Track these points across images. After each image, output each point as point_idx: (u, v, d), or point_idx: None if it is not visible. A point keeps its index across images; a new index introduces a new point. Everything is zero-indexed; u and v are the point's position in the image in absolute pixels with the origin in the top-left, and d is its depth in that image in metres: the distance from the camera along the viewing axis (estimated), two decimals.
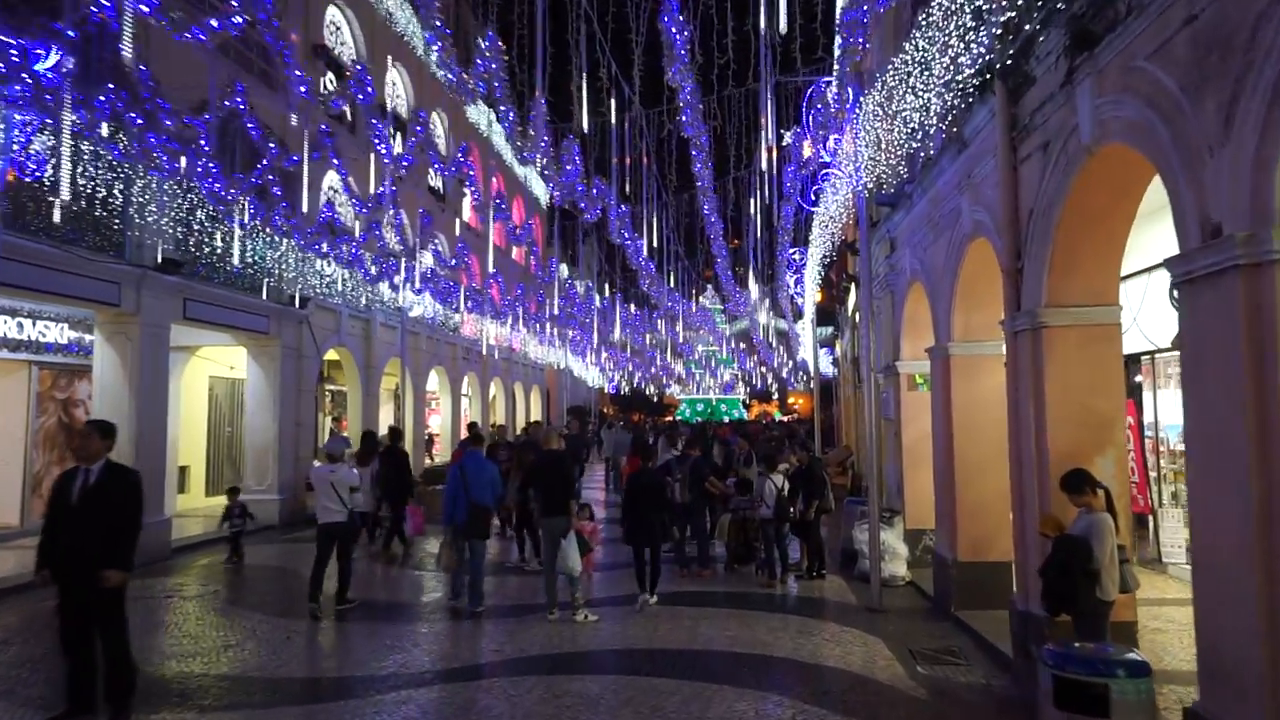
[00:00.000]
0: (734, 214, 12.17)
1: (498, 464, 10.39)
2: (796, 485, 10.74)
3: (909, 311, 11.64)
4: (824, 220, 12.30)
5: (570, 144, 8.45)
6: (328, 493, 9.05)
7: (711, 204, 11.24)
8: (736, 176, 12.03)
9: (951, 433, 9.09)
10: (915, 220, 10.70)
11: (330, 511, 9.07)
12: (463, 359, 27.01)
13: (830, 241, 12.39)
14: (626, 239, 11.63)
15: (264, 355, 16.24)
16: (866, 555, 10.92)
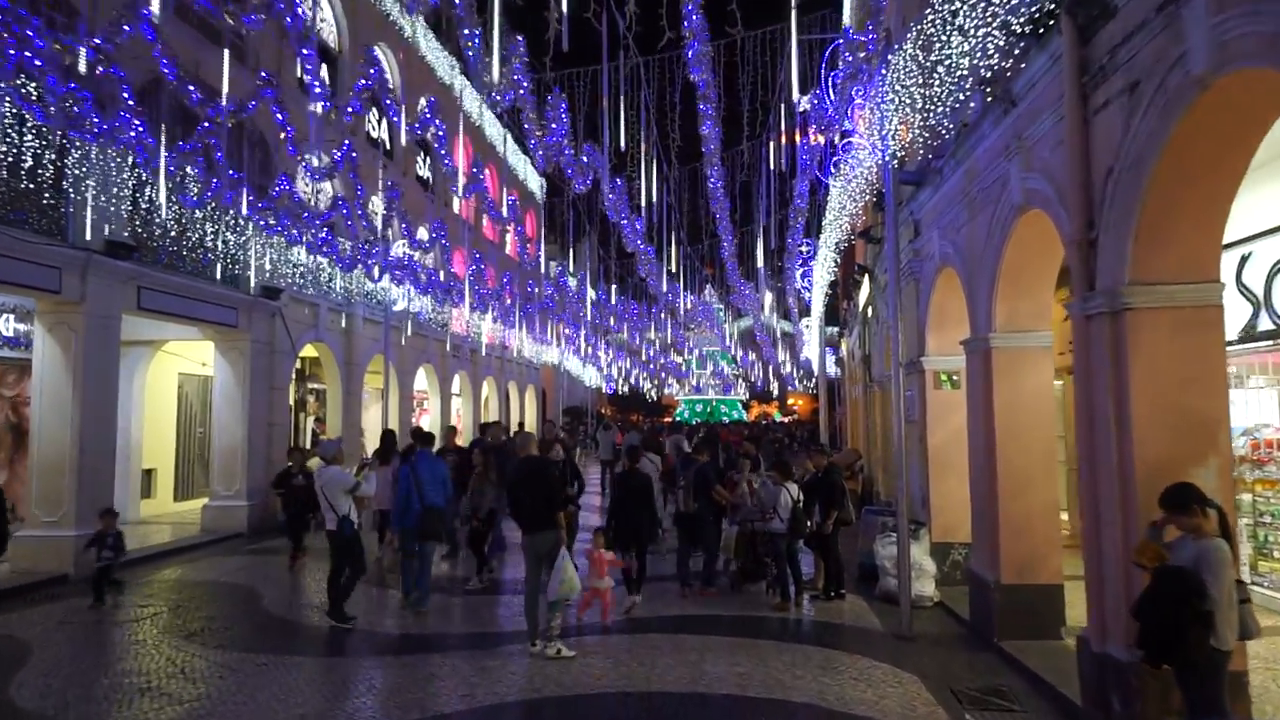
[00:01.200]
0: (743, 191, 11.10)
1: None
2: (812, 494, 9.60)
3: (937, 301, 10.51)
4: (840, 202, 11.17)
5: (557, 99, 7.31)
6: (321, 499, 8.55)
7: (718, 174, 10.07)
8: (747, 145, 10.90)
9: (993, 437, 7.96)
10: (946, 199, 9.56)
11: (328, 519, 8.57)
12: (452, 356, 25.86)
13: (845, 228, 11.28)
14: (622, 217, 10.50)
15: (233, 350, 15.09)
16: (890, 572, 9.81)
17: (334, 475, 8.49)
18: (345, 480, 8.53)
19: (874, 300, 16.58)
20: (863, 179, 11.34)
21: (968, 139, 8.30)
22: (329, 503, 8.39)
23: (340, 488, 8.45)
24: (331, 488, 8.42)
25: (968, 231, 8.76)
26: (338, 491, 8.42)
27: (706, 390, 62.02)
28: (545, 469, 7.62)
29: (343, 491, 8.46)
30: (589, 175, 7.95)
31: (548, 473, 7.59)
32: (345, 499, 8.50)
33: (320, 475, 8.57)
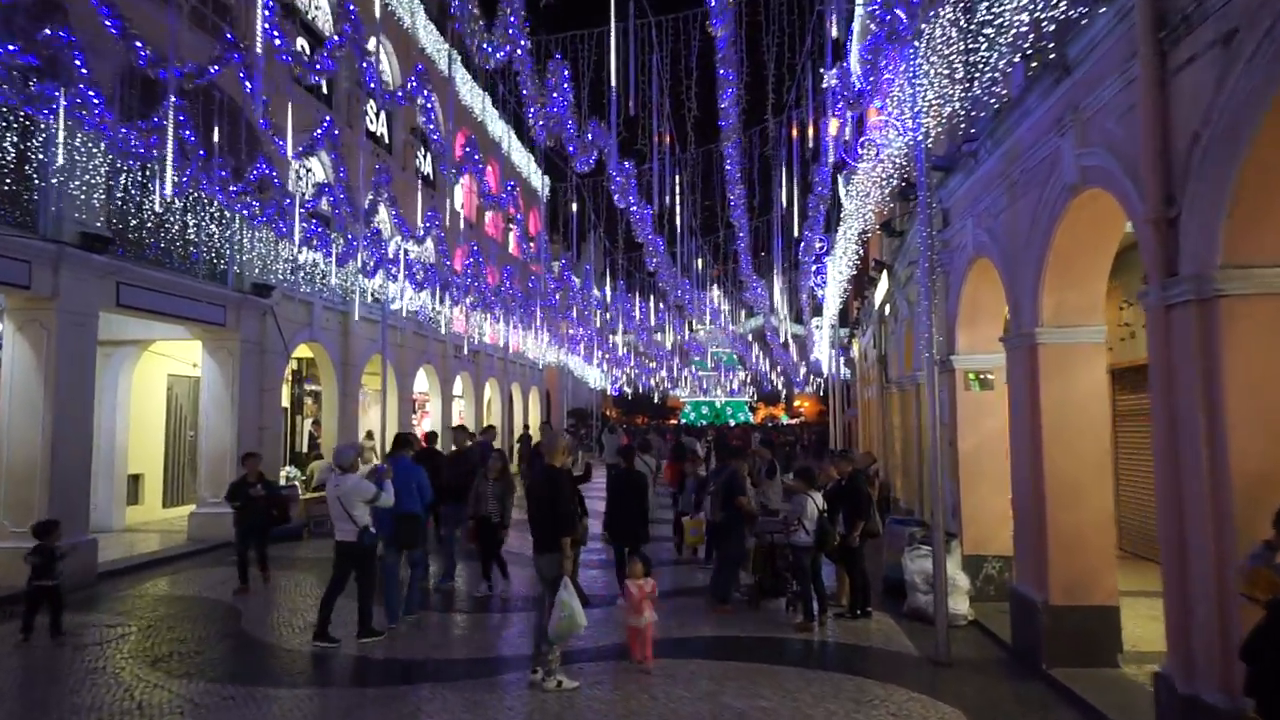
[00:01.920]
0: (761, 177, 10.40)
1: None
2: (836, 504, 8.86)
3: (968, 295, 9.78)
4: (864, 188, 10.44)
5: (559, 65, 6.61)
6: (335, 508, 7.90)
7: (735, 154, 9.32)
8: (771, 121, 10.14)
9: (1039, 441, 7.22)
10: (981, 184, 8.83)
11: (341, 529, 7.93)
12: (454, 357, 25.16)
13: (867, 217, 10.55)
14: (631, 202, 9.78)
15: (221, 350, 14.40)
16: (920, 588, 9.07)
17: (353, 484, 7.87)
18: (365, 489, 7.90)
19: (892, 297, 15.84)
20: (888, 162, 10.61)
21: (1009, 116, 7.56)
22: (346, 512, 7.78)
23: (359, 497, 7.84)
24: (350, 497, 7.81)
25: (1007, 218, 8.03)
26: (356, 501, 7.82)
27: (713, 392, 61.23)
28: (557, 483, 6.84)
29: (362, 501, 7.85)
30: (593, 153, 7.25)
31: (557, 488, 6.82)
32: (365, 509, 7.87)
33: (337, 484, 7.92)
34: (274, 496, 10.64)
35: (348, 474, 7.95)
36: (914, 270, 12.56)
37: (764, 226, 14.96)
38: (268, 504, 10.36)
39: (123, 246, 11.59)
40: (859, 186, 10.61)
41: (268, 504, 10.36)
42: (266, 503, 10.35)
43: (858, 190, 10.58)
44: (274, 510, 10.58)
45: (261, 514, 10.34)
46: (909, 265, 12.55)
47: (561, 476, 6.89)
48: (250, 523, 10.31)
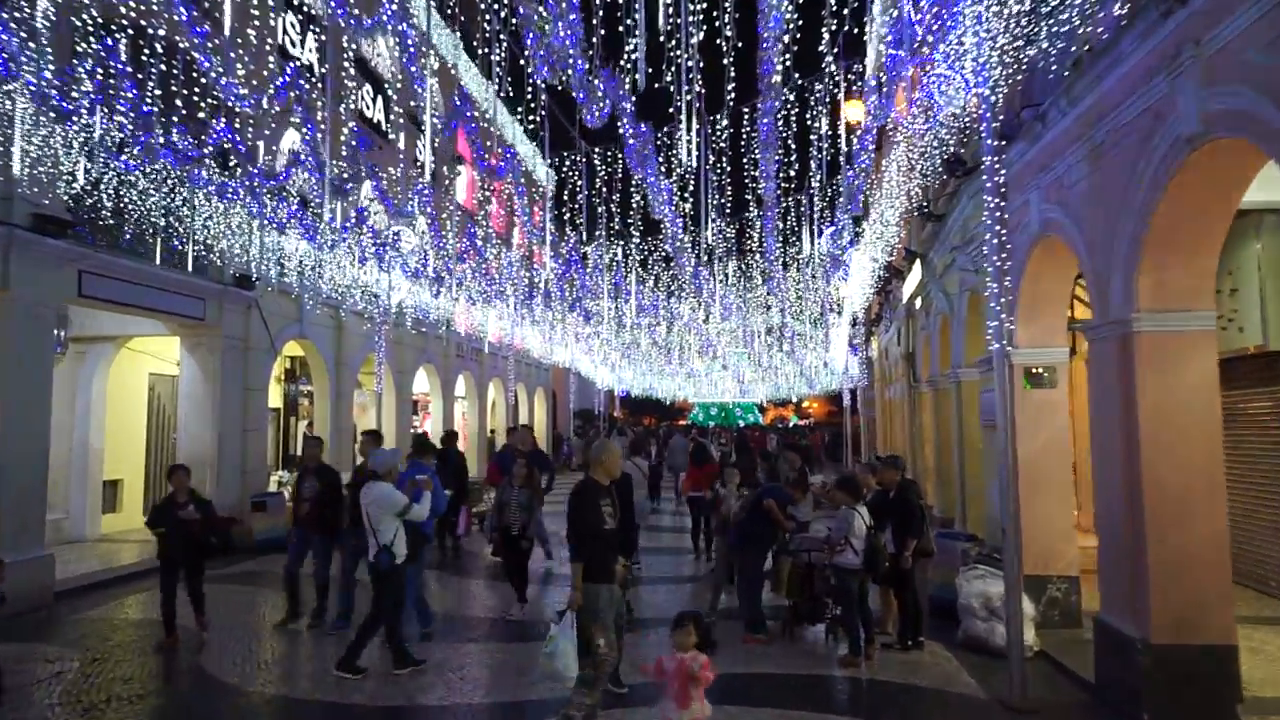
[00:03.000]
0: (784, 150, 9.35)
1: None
2: (882, 518, 7.72)
3: (1028, 281, 8.65)
4: (908, 160, 9.31)
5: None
6: (365, 522, 7.05)
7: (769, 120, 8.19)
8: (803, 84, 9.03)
9: (1135, 449, 6.09)
10: (1049, 151, 7.69)
11: (369, 547, 7.08)
12: (456, 356, 24.10)
13: (914, 194, 9.41)
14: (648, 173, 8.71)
15: (201, 347, 13.35)
16: (978, 614, 7.96)
17: (382, 494, 6.95)
18: (395, 500, 6.95)
19: (925, 289, 14.69)
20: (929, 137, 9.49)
21: (1092, 67, 6.43)
22: (371, 527, 6.93)
23: (389, 509, 6.93)
24: (377, 509, 6.90)
25: (1088, 187, 6.89)
26: (385, 514, 6.91)
27: (722, 392, 59.98)
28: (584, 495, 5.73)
29: (391, 514, 6.93)
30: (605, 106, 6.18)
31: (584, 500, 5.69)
32: (392, 523, 6.96)
33: (366, 493, 7.04)
34: (210, 519, 8.18)
35: (377, 482, 7.07)
36: (955, 257, 11.42)
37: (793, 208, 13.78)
38: (202, 528, 7.99)
39: (88, 232, 10.54)
40: (904, 158, 9.48)
41: (202, 528, 7.99)
42: (201, 527, 7.96)
43: (904, 160, 9.44)
44: (210, 536, 8.36)
45: (194, 542, 7.96)
46: (950, 251, 11.41)
47: (593, 492, 5.72)
48: (179, 553, 7.95)
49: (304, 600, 8.94)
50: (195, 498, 8.11)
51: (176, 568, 7.96)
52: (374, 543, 6.88)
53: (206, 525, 8.02)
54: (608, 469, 5.86)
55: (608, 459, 5.87)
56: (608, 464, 5.86)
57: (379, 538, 6.86)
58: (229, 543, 8.74)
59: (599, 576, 5.51)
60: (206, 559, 8.26)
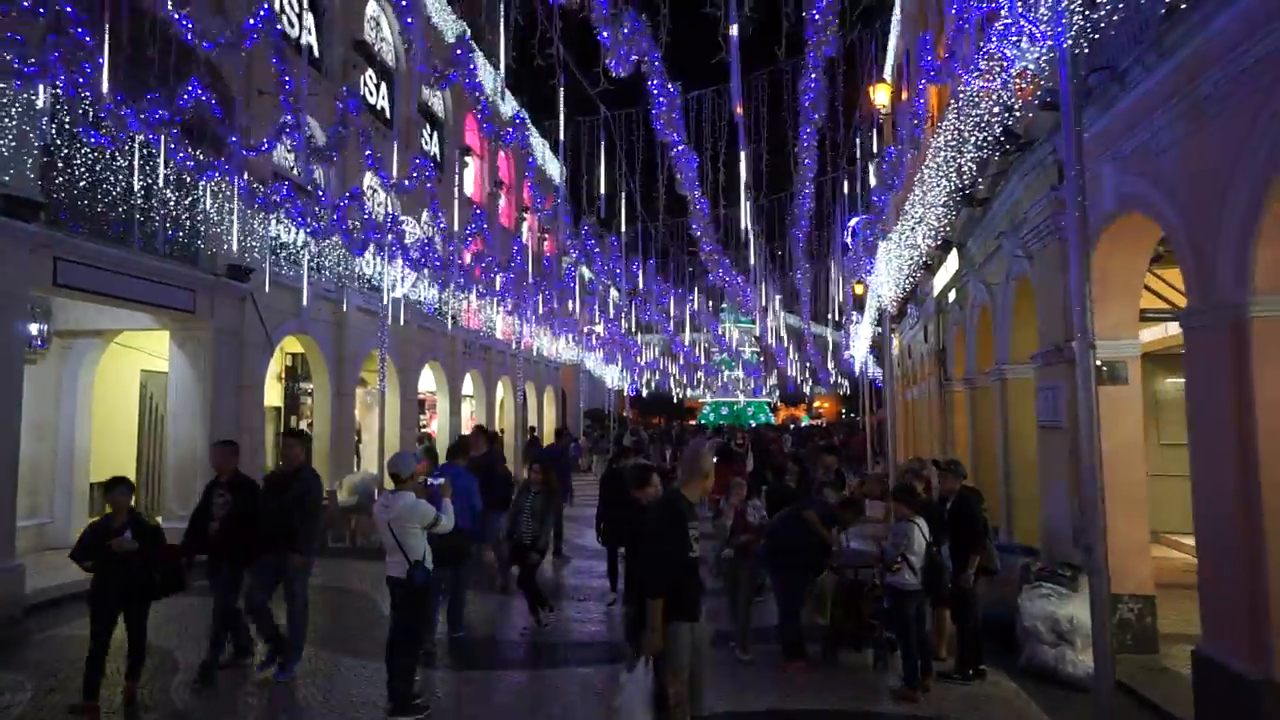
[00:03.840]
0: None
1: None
2: (941, 531, 6.84)
3: (1099, 264, 7.73)
4: (957, 136, 8.41)
5: None
6: (386, 537, 6.16)
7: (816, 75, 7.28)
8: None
9: (1252, 454, 5.21)
10: (1132, 116, 6.79)
11: (392, 562, 6.18)
12: (463, 353, 23.29)
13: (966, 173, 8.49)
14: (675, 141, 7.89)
15: (191, 341, 12.57)
16: (1045, 638, 7.09)
17: (409, 505, 6.07)
18: (423, 511, 6.11)
19: (961, 281, 13.78)
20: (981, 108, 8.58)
21: (1198, 8, 5.54)
22: (398, 542, 6.04)
23: (417, 521, 6.07)
24: (403, 522, 6.02)
25: (1182, 153, 6.01)
26: (413, 527, 6.05)
27: (734, 392, 59.09)
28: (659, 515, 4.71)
29: (420, 526, 6.09)
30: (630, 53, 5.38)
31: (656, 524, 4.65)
32: (421, 537, 6.13)
33: (388, 505, 6.13)
34: (153, 550, 6.27)
35: (401, 492, 6.15)
36: (1001, 243, 10.53)
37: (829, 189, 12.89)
38: (143, 562, 6.16)
39: (67, 216, 9.76)
40: (952, 134, 8.58)
41: (143, 562, 6.16)
42: (141, 560, 6.14)
43: (952, 135, 8.55)
44: (154, 573, 6.31)
45: (133, 579, 6.18)
46: (996, 237, 10.51)
47: (681, 512, 4.55)
48: (113, 594, 6.15)
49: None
50: (137, 522, 6.32)
51: (110, 613, 6.17)
52: (402, 559, 6.00)
53: (146, 560, 6.14)
54: (702, 482, 4.72)
55: (702, 469, 4.72)
56: (702, 475, 4.72)
57: (408, 554, 6.01)
58: (179, 579, 6.47)
59: (683, 613, 4.47)
60: (151, 600, 6.40)
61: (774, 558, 7.18)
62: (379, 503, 6.22)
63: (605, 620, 9.19)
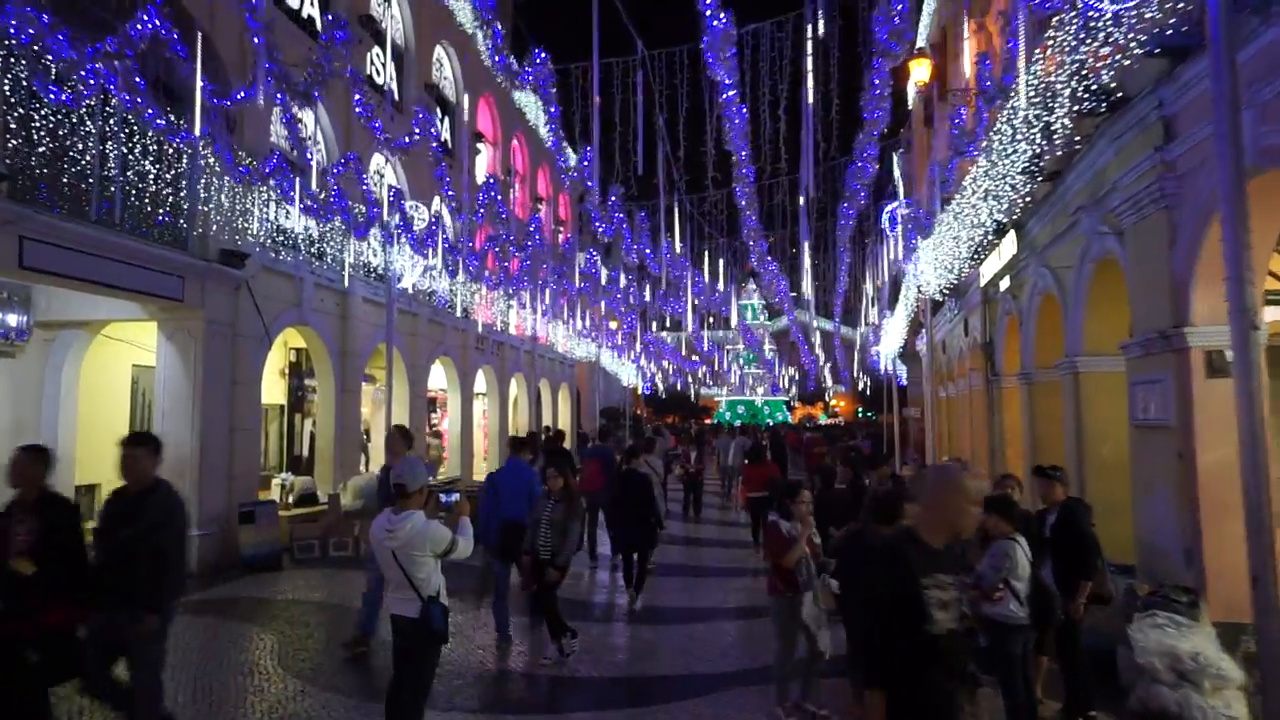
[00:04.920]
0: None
1: None
2: (1038, 550, 5.72)
3: (1212, 238, 6.60)
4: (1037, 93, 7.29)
5: None
6: (390, 567, 4.85)
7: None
8: None
9: None
10: (1273, 55, 5.67)
11: (396, 598, 4.89)
12: (475, 348, 22.28)
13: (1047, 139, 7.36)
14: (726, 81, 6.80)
15: (181, 332, 11.58)
16: (1161, 677, 5.94)
17: (419, 528, 4.77)
18: (436, 535, 4.81)
19: (1016, 267, 12.63)
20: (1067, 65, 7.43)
21: None
22: (405, 575, 4.77)
23: (430, 546, 4.79)
24: (412, 550, 4.76)
25: None
26: (423, 555, 4.79)
27: (752, 389, 57.96)
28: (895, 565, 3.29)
29: (433, 554, 4.82)
30: None
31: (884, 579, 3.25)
32: (434, 567, 4.87)
33: (391, 527, 4.81)
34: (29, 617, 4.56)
35: (408, 511, 4.84)
36: (1074, 222, 9.39)
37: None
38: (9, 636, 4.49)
39: (38, 191, 8.78)
40: (1030, 91, 7.45)
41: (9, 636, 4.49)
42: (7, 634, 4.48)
43: (1031, 93, 7.42)
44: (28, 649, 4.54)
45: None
46: (1073, 213, 9.35)
47: (910, 565, 3.14)
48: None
49: None
50: (53, 519, 4.85)
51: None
52: (412, 595, 4.78)
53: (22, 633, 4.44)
54: (956, 520, 3.25)
55: (957, 502, 3.25)
56: (956, 512, 3.25)
57: (420, 588, 4.76)
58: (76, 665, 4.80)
59: (916, 712, 3.12)
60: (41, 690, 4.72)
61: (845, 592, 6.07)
62: (378, 523, 4.96)
63: (630, 646, 8.14)
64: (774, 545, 6.17)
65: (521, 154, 27.68)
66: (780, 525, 6.15)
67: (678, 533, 15.50)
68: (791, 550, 5.97)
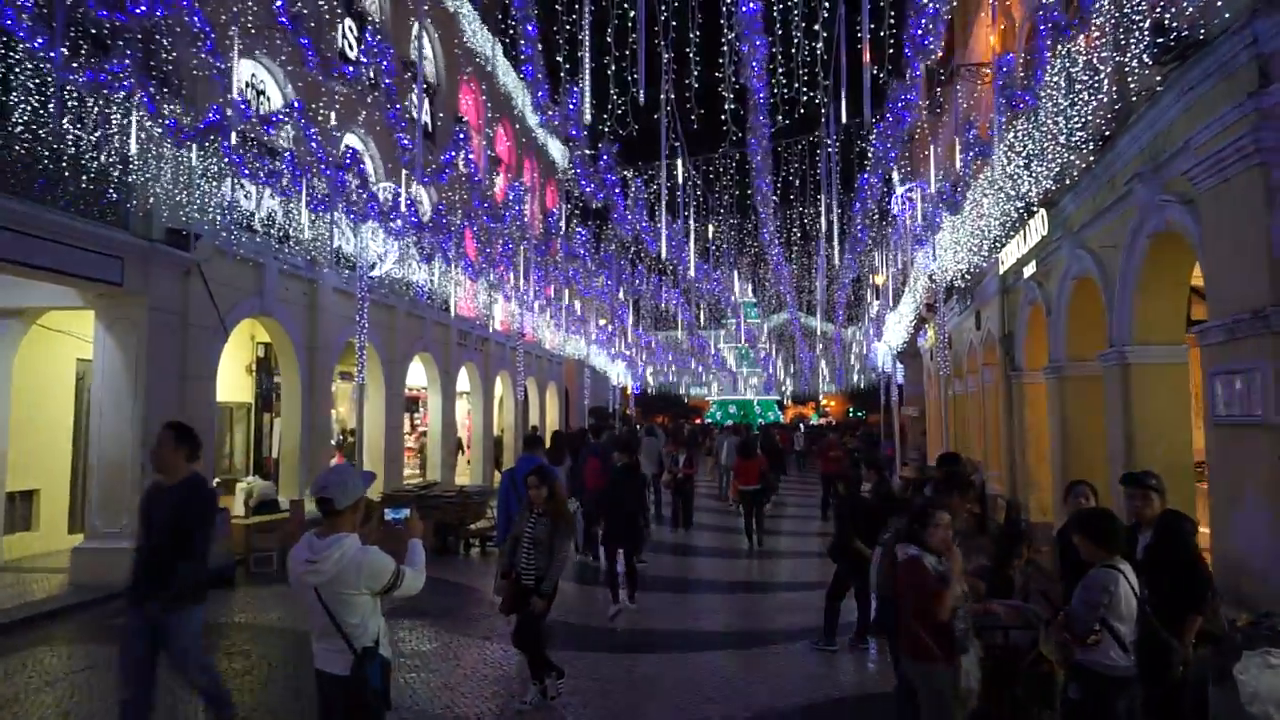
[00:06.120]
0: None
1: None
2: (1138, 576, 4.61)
3: None
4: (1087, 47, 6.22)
5: None
6: (311, 607, 3.61)
7: None
8: None
9: None
10: None
11: (322, 649, 3.67)
12: (458, 345, 21.08)
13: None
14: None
15: (121, 321, 10.37)
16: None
17: (351, 559, 3.54)
18: (374, 567, 3.60)
19: (1045, 250, 11.56)
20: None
21: None
22: (331, 619, 3.55)
23: (365, 582, 3.57)
24: (340, 586, 3.54)
25: None
26: (355, 594, 3.56)
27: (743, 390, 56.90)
28: None
29: (369, 592, 3.60)
30: None
31: None
32: (373, 609, 3.66)
33: (312, 558, 3.56)
34: None
35: (337, 535, 3.60)
36: (1126, 193, 8.32)
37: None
38: None
39: None
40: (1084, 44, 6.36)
41: None
42: None
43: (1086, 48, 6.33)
44: None
45: None
46: (1127, 181, 8.26)
47: None
48: None
49: None
50: None
51: None
52: (340, 644, 3.55)
53: None
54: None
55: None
56: None
57: (353, 638, 3.55)
58: None
59: None
60: None
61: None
62: (297, 552, 3.65)
63: (627, 679, 7.00)
64: (917, 591, 4.42)
65: (507, 141, 26.50)
66: (922, 560, 4.48)
67: (667, 540, 14.40)
68: (945, 595, 4.31)
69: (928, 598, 4.34)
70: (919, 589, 4.41)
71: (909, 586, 4.48)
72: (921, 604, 4.36)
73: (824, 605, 7.90)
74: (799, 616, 9.01)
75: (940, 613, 4.30)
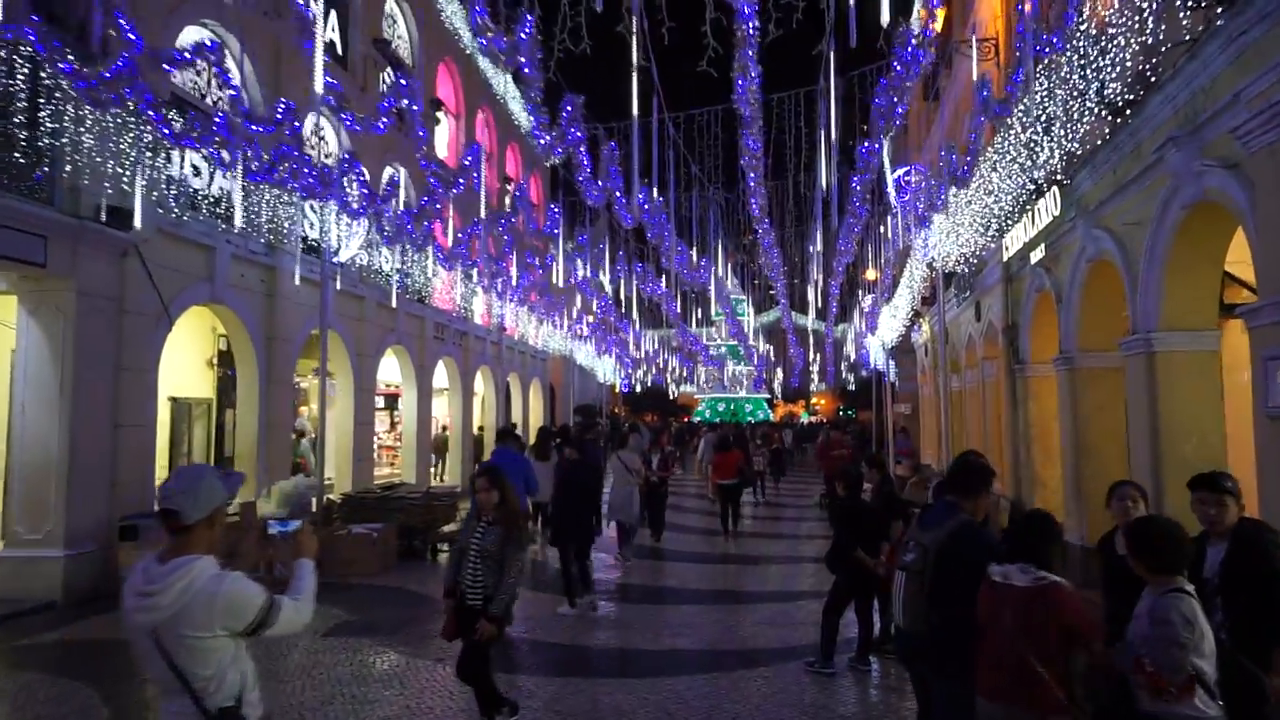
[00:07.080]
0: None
1: None
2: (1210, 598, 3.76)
3: None
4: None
5: None
6: (147, 655, 2.70)
7: None
8: None
9: None
10: None
11: (168, 714, 2.71)
12: (435, 338, 20.13)
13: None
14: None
15: (45, 307, 9.42)
16: None
17: (201, 589, 2.65)
18: (237, 598, 2.71)
19: (1057, 232, 10.75)
20: None
21: None
22: (176, 672, 2.64)
23: (222, 620, 2.67)
24: (185, 628, 2.62)
25: None
26: (207, 636, 2.65)
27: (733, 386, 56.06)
28: None
29: (228, 633, 2.69)
30: None
31: None
32: (231, 653, 2.73)
33: (151, 589, 2.64)
34: None
35: (187, 558, 2.70)
36: (1150, 164, 7.50)
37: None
38: None
39: None
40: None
41: None
42: None
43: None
44: None
45: None
46: (1156, 149, 7.42)
47: None
48: None
49: None
50: None
51: None
52: (189, 705, 2.66)
53: None
54: None
55: None
56: None
57: (203, 696, 2.67)
58: None
59: None
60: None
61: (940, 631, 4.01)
62: (131, 583, 2.73)
63: (593, 713, 6.12)
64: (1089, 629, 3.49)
65: (489, 130, 25.56)
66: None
67: (647, 544, 13.51)
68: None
69: (1095, 635, 3.50)
70: (1093, 626, 3.53)
71: (1084, 621, 3.48)
72: (1082, 645, 3.45)
73: (820, 620, 7.05)
74: (791, 632, 8.16)
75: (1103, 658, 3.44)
